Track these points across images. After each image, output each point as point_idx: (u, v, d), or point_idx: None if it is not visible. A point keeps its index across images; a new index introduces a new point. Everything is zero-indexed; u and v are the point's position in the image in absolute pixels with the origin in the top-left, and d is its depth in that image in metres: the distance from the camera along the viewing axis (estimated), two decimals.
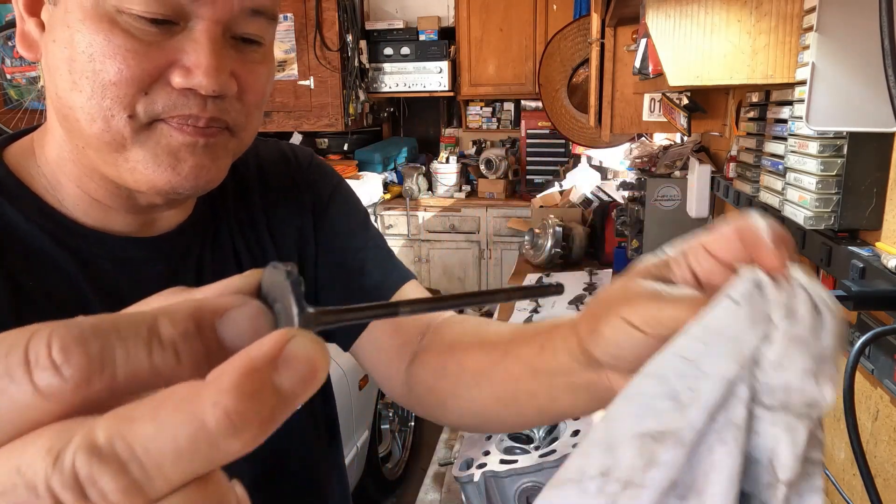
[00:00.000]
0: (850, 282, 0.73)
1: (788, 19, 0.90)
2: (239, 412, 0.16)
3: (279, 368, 0.17)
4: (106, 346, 0.17)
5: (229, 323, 0.19)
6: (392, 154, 4.26)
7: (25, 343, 0.17)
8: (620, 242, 2.35)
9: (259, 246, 0.68)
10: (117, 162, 0.51)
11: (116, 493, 0.15)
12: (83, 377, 0.16)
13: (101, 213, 0.56)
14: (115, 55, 0.47)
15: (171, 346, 0.18)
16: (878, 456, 0.83)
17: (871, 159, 0.84)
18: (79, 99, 0.48)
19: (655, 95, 1.69)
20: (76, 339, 0.17)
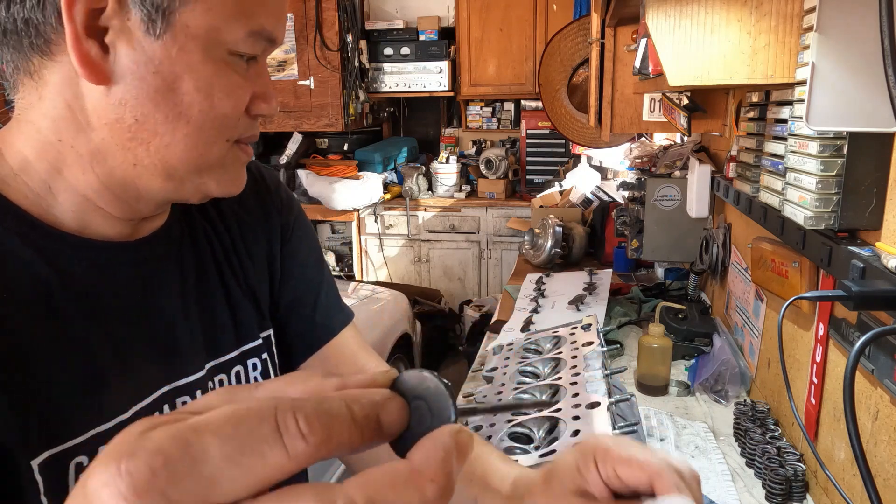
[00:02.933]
0: (850, 282, 0.73)
1: (788, 19, 0.90)
2: (444, 486, 0.24)
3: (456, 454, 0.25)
4: (332, 423, 0.23)
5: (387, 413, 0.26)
6: (392, 154, 4.26)
7: (273, 415, 0.22)
8: (620, 242, 2.35)
9: (235, 253, 0.72)
10: (186, 180, 0.56)
11: None
12: (321, 444, 0.22)
13: (93, 221, 0.57)
14: (232, 93, 0.54)
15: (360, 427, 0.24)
16: (878, 456, 0.83)
17: (871, 159, 0.84)
18: (178, 126, 0.52)
19: (655, 95, 1.69)
20: (315, 414, 0.22)
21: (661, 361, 1.38)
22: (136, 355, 0.59)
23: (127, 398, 0.57)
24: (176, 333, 0.63)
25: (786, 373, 0.85)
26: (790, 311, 1.12)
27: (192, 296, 0.66)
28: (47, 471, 0.50)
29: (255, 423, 0.21)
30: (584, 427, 0.76)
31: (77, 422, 0.53)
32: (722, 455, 1.15)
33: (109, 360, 0.56)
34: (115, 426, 0.55)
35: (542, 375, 0.99)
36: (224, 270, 0.70)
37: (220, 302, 0.69)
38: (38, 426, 0.50)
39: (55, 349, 0.53)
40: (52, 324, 0.53)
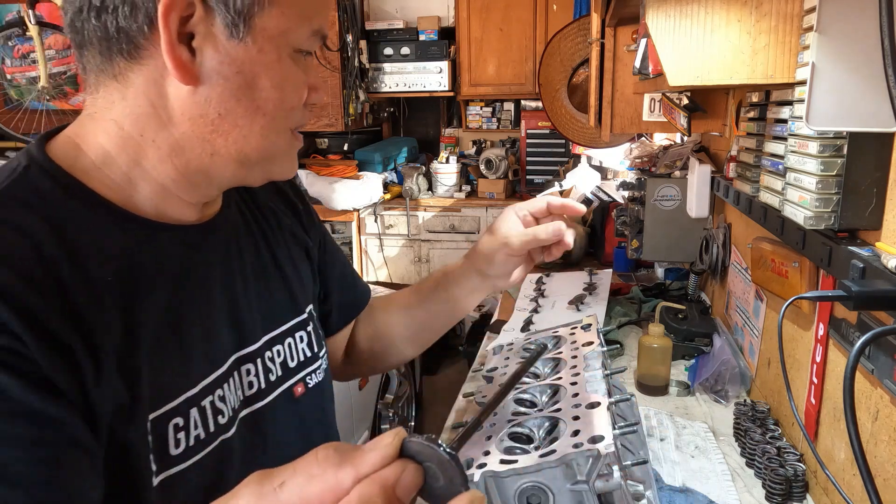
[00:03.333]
0: (850, 282, 0.73)
1: (788, 19, 0.90)
2: None
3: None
4: None
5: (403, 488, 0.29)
6: (392, 154, 4.26)
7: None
8: (620, 242, 2.35)
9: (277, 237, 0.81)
10: (255, 167, 0.63)
11: None
12: None
13: (169, 207, 0.64)
14: (299, 87, 0.61)
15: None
16: (878, 456, 0.83)
17: (871, 159, 0.84)
18: (255, 119, 0.59)
19: (655, 95, 1.69)
20: None
21: (661, 361, 1.38)
22: (214, 326, 0.67)
23: (208, 365, 0.65)
24: (240, 307, 0.71)
25: (786, 373, 0.85)
26: (790, 311, 1.12)
27: (250, 272, 0.74)
28: (154, 431, 0.58)
29: None
30: (584, 427, 0.76)
31: (173, 387, 0.60)
32: (722, 455, 1.15)
33: (196, 330, 0.64)
34: (200, 390, 0.63)
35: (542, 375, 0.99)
36: (273, 251, 0.79)
37: (274, 279, 0.78)
38: (148, 391, 0.57)
39: (157, 323, 0.60)
40: (153, 301, 0.60)
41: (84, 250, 0.56)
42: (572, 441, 0.73)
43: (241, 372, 0.70)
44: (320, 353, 0.83)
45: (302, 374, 0.79)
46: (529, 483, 0.72)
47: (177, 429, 0.60)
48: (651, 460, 1.08)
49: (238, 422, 0.67)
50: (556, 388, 0.90)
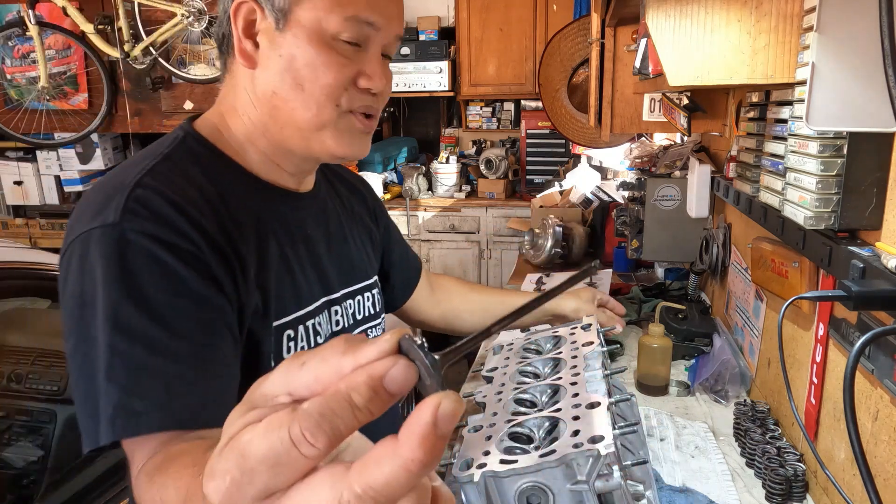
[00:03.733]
0: (850, 282, 0.73)
1: (788, 19, 0.90)
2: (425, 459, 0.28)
3: (439, 424, 0.28)
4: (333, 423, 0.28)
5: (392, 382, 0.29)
6: (392, 154, 4.26)
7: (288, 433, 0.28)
8: (620, 242, 2.35)
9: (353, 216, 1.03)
10: (311, 137, 0.78)
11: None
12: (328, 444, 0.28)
13: (275, 173, 0.85)
14: (331, 67, 0.75)
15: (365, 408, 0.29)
16: (878, 456, 0.83)
17: (871, 159, 0.84)
18: (298, 95, 0.75)
19: (655, 95, 1.69)
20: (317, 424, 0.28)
21: (662, 361, 1.38)
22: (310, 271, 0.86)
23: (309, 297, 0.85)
24: (325, 262, 0.90)
25: (786, 373, 0.85)
26: (790, 311, 1.12)
27: (333, 239, 0.94)
28: (275, 335, 0.78)
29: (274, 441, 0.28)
30: (584, 427, 0.76)
31: (288, 305, 0.81)
32: (722, 455, 1.15)
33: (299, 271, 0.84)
34: (305, 313, 0.84)
35: (542, 375, 0.99)
36: (351, 224, 1.00)
37: (349, 247, 0.97)
38: (273, 304, 0.78)
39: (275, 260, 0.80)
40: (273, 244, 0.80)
41: (230, 198, 0.77)
42: (572, 441, 0.73)
43: (330, 311, 0.90)
44: (380, 314, 1.04)
45: (365, 327, 1.00)
46: (529, 483, 0.72)
47: (289, 339, 0.80)
48: (651, 460, 1.08)
49: None
50: (556, 388, 0.90)
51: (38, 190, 4.43)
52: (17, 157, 4.43)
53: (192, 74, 3.97)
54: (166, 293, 0.67)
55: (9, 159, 4.42)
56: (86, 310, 0.66)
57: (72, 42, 4.15)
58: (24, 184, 4.40)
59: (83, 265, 0.67)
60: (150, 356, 0.64)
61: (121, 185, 0.70)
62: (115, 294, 0.65)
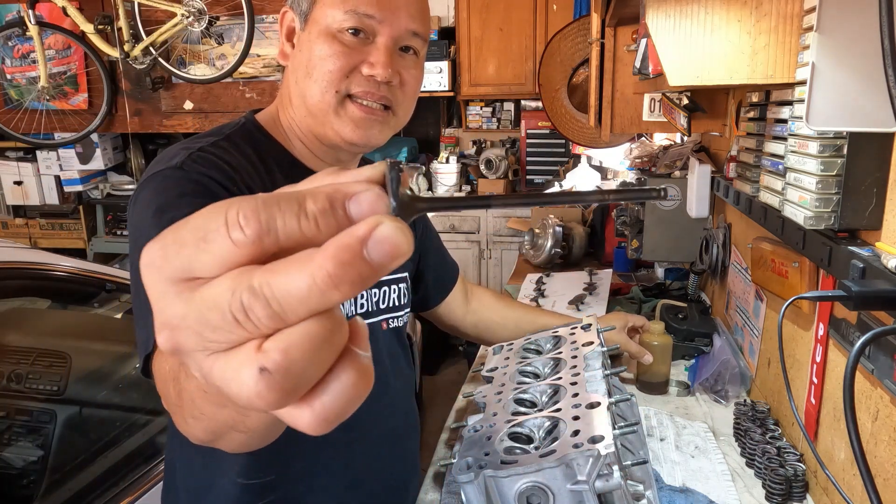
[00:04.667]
0: (850, 282, 0.73)
1: (788, 19, 0.90)
2: (336, 274, 0.24)
3: (369, 245, 0.24)
4: (271, 215, 0.25)
5: (356, 203, 0.26)
6: (392, 154, 4.26)
7: (225, 211, 0.25)
8: (620, 242, 2.35)
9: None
10: (325, 122, 0.87)
11: (264, 319, 0.25)
12: (256, 234, 0.25)
13: (317, 163, 0.93)
14: (332, 55, 0.84)
15: (313, 218, 0.25)
16: (878, 456, 0.83)
17: (871, 159, 0.84)
18: (310, 83, 0.85)
19: (655, 95, 1.69)
20: (253, 209, 0.25)
21: (662, 359, 1.38)
22: None
23: None
24: None
25: (786, 373, 0.85)
26: (790, 311, 1.12)
27: None
28: None
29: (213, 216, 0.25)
30: (584, 427, 0.76)
31: None
32: (722, 455, 1.15)
33: None
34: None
35: (542, 375, 0.99)
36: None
37: None
38: None
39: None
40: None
41: (277, 177, 0.87)
42: (572, 441, 0.73)
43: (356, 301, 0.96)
44: (405, 306, 1.08)
45: (387, 316, 1.04)
46: (529, 483, 0.72)
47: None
48: (651, 460, 1.08)
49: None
50: (556, 388, 0.90)
51: (38, 190, 4.43)
52: (17, 157, 4.43)
53: (192, 74, 3.97)
54: None
55: (9, 159, 4.42)
56: (142, 235, 0.74)
57: (72, 42, 4.15)
58: (24, 184, 4.40)
59: (144, 198, 0.77)
60: None
61: (187, 148, 0.83)
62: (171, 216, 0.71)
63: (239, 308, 0.25)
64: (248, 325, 0.25)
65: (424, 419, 3.17)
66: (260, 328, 0.25)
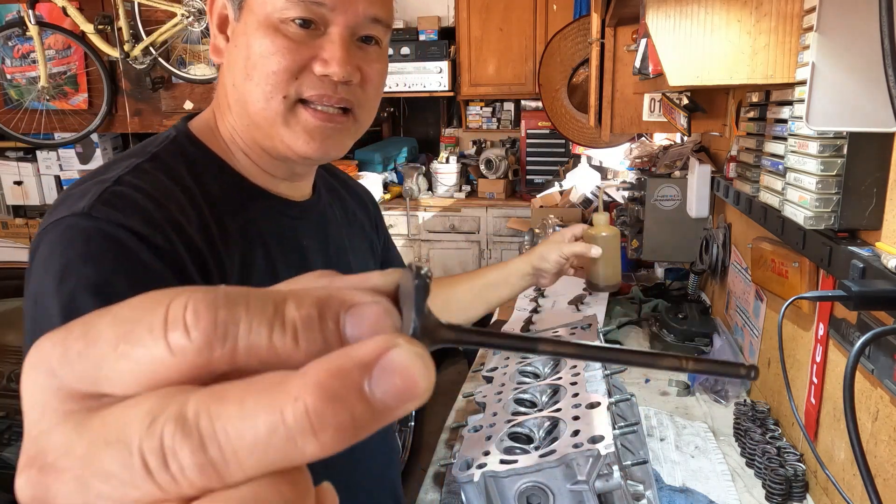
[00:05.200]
0: (850, 282, 0.73)
1: (788, 19, 0.90)
2: (318, 412, 0.16)
3: (373, 376, 0.16)
4: (232, 316, 0.17)
5: (355, 318, 0.18)
6: (392, 154, 4.26)
7: (168, 302, 0.17)
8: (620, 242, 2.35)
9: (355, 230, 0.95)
10: (272, 134, 0.71)
11: (193, 470, 0.16)
12: (206, 342, 0.17)
13: (264, 178, 0.77)
14: (277, 53, 0.67)
15: (292, 328, 0.17)
16: (878, 456, 0.83)
17: (871, 159, 0.84)
18: (250, 86, 0.69)
19: (655, 95, 1.69)
20: (208, 305, 0.17)
21: (611, 254, 1.20)
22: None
23: None
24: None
25: (786, 373, 0.85)
26: (790, 311, 1.12)
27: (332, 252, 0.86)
28: None
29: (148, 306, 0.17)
30: (584, 427, 0.76)
31: None
32: (722, 455, 1.15)
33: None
34: None
35: (542, 375, 0.99)
36: (353, 234, 0.93)
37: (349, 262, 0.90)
38: None
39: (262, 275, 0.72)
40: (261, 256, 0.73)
41: (218, 201, 0.71)
42: (572, 441, 0.73)
43: None
44: None
45: None
46: (529, 483, 0.72)
47: None
48: (651, 460, 1.08)
49: None
50: (556, 388, 0.90)
51: (38, 190, 4.43)
52: (17, 157, 4.43)
53: (192, 74, 3.97)
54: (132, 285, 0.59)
55: (9, 159, 4.42)
56: (39, 306, 0.61)
57: (72, 42, 4.15)
58: (24, 184, 4.40)
59: (43, 256, 0.63)
60: None
61: (101, 181, 0.66)
62: (73, 284, 0.59)
63: (156, 449, 0.16)
64: (164, 478, 0.16)
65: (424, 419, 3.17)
66: (181, 486, 0.16)
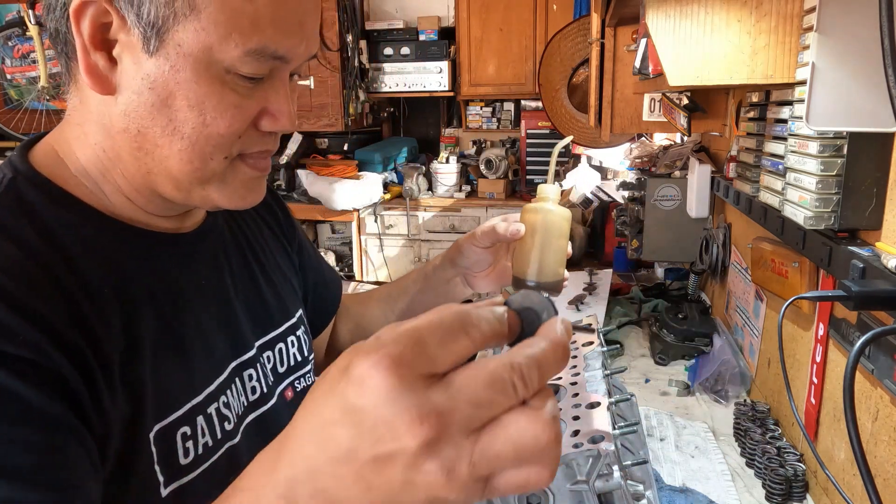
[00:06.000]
0: (850, 282, 0.73)
1: (788, 19, 0.90)
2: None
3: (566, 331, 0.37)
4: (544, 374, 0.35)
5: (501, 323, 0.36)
6: (392, 154, 4.26)
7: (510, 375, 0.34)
8: (620, 242, 2.35)
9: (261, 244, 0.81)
10: (192, 190, 0.58)
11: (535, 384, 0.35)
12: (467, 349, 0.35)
13: (141, 214, 0.62)
14: (225, 112, 0.54)
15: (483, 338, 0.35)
16: (878, 456, 0.83)
17: (871, 159, 0.84)
18: (176, 143, 0.54)
19: (655, 95, 1.69)
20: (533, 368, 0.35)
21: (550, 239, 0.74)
22: (211, 334, 0.66)
23: (210, 373, 0.64)
24: (233, 314, 0.70)
25: (786, 373, 0.85)
26: (790, 311, 1.12)
27: (239, 280, 0.73)
28: (159, 441, 0.56)
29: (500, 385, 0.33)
30: (584, 427, 0.76)
31: (179, 396, 0.59)
32: (722, 455, 1.15)
33: (194, 340, 0.63)
34: (205, 398, 0.62)
35: None
36: (260, 257, 0.79)
37: (263, 285, 0.77)
38: (151, 403, 0.56)
39: (156, 333, 0.59)
40: (151, 310, 0.59)
41: (79, 258, 0.55)
42: (572, 441, 0.73)
43: (242, 378, 0.70)
44: (309, 357, 0.83)
45: (290, 379, 0.78)
46: None
47: (185, 437, 0.59)
48: (651, 460, 1.08)
49: (243, 428, 0.68)
50: (556, 388, 0.90)
51: None
52: None
53: None
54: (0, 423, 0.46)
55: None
56: None
57: None
58: None
59: None
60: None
61: None
62: None
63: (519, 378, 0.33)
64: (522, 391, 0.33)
65: None
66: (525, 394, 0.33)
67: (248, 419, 0.69)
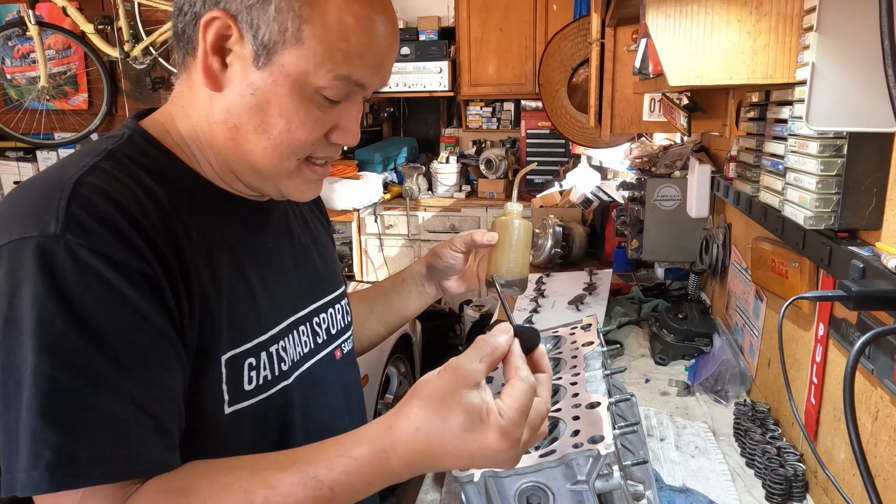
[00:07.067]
0: (850, 282, 0.73)
1: (788, 19, 0.90)
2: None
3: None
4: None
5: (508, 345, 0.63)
6: (392, 154, 4.26)
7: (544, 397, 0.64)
8: (620, 242, 2.35)
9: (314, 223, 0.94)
10: (264, 180, 0.71)
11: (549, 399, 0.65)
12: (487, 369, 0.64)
13: (227, 182, 0.74)
14: (307, 124, 0.67)
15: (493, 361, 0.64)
16: (878, 456, 0.83)
17: (871, 159, 0.84)
18: (263, 140, 0.67)
19: (655, 95, 1.69)
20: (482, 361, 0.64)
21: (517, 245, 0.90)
22: (274, 288, 0.78)
23: (273, 319, 0.76)
24: (292, 276, 0.82)
25: (786, 373, 0.85)
26: (790, 311, 1.12)
27: (298, 249, 0.85)
28: (230, 365, 0.69)
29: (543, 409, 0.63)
30: (584, 427, 0.76)
31: (248, 331, 0.72)
32: (722, 455, 1.15)
33: (261, 289, 0.75)
34: (268, 338, 0.74)
35: None
36: (313, 235, 0.91)
37: (316, 256, 0.89)
38: (226, 332, 0.69)
39: (231, 277, 0.71)
40: (228, 258, 0.72)
41: (180, 204, 0.67)
42: (572, 441, 0.73)
43: (298, 332, 0.81)
44: (350, 325, 0.95)
45: (339, 341, 0.90)
46: (529, 483, 0.72)
47: (250, 367, 0.71)
48: (651, 460, 1.08)
49: (296, 375, 0.79)
50: (556, 388, 0.90)
51: None
52: (17, 157, 4.44)
53: None
54: (116, 322, 0.59)
55: (9, 159, 4.42)
56: (11, 332, 0.57)
57: (72, 42, 4.15)
58: None
59: (13, 279, 0.58)
60: (98, 395, 0.57)
61: (59, 184, 0.60)
62: (56, 319, 0.57)
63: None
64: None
65: None
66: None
67: (300, 368, 0.80)
